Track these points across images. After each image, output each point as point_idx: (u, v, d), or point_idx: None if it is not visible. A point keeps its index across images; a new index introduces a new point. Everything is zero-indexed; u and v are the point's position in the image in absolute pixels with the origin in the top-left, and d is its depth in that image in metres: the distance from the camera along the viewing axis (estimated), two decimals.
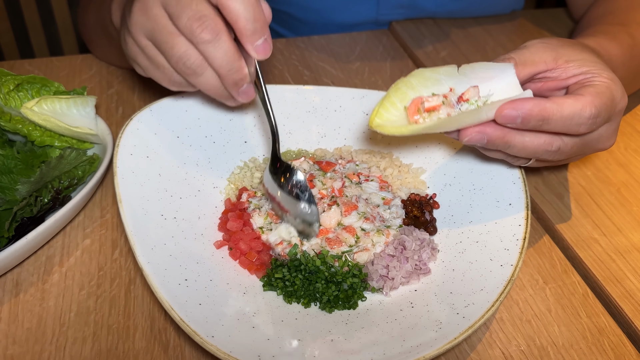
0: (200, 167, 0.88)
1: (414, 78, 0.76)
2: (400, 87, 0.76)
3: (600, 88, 0.72)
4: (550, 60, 0.77)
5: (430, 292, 0.74)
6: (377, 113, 0.74)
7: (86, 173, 0.87)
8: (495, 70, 0.75)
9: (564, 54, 0.77)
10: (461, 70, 0.76)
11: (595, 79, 0.73)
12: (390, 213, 0.82)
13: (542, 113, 0.68)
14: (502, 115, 0.69)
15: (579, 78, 0.75)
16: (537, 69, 0.77)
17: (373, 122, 0.74)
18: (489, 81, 0.75)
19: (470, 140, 0.71)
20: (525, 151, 0.73)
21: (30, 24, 1.90)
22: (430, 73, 0.76)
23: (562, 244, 0.87)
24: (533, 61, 0.76)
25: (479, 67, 0.76)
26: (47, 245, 0.83)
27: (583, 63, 0.76)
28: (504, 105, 0.69)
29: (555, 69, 0.77)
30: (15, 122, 0.87)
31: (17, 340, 0.71)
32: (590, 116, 0.70)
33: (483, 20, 1.41)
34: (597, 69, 0.75)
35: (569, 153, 0.75)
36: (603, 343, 0.74)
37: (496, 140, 0.71)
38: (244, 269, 0.78)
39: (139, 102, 1.09)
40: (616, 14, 1.03)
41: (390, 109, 0.75)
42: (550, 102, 0.69)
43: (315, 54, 1.27)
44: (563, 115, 0.69)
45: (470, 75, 0.76)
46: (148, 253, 0.71)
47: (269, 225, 0.81)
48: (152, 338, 0.72)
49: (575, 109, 0.69)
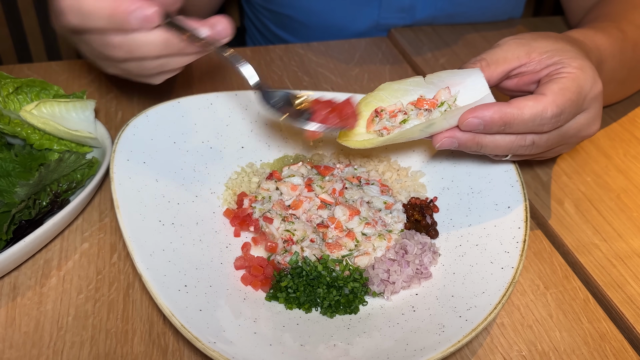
0: (198, 172, 0.88)
1: (383, 91, 0.80)
2: (369, 100, 0.79)
3: (565, 82, 0.73)
4: (523, 55, 0.78)
5: (431, 295, 0.74)
6: None
7: (85, 177, 0.86)
8: (462, 76, 0.77)
9: (536, 47, 0.78)
10: (427, 79, 0.78)
11: (563, 70, 0.74)
12: (392, 217, 0.82)
13: (503, 118, 0.70)
14: (465, 123, 0.71)
15: (549, 69, 0.76)
16: (511, 65, 0.78)
17: (340, 137, 0.78)
18: (456, 87, 0.77)
19: (442, 145, 0.74)
20: (498, 149, 0.75)
21: (29, 30, 1.90)
22: (398, 85, 0.79)
23: (563, 250, 0.87)
24: (505, 58, 0.78)
25: (446, 75, 0.78)
26: (45, 248, 0.82)
27: (554, 53, 0.77)
28: (465, 113, 0.71)
29: (529, 63, 0.78)
30: (14, 125, 0.86)
31: (14, 344, 0.70)
32: (552, 115, 0.71)
33: (481, 28, 1.41)
34: (567, 57, 0.75)
35: (546, 145, 0.76)
36: (605, 348, 0.74)
37: (467, 142, 0.73)
38: (246, 285, 0.76)
39: (138, 107, 1.09)
40: (608, 15, 1.05)
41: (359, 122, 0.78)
42: (511, 106, 0.71)
43: (314, 60, 1.27)
44: (524, 118, 0.71)
45: (438, 83, 0.78)
46: (147, 259, 0.70)
47: (286, 225, 0.81)
48: (151, 342, 0.71)
49: (536, 111, 0.71)
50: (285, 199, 0.84)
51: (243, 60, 0.74)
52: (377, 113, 0.79)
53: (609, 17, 1.03)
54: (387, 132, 0.77)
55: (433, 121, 0.73)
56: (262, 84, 0.76)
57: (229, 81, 1.18)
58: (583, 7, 1.25)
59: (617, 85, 1.01)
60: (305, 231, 0.80)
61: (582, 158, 1.02)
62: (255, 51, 1.29)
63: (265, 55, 1.28)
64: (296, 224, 0.81)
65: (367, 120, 0.79)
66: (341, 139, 0.78)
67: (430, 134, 0.75)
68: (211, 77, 1.19)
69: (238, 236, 0.83)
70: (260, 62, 1.25)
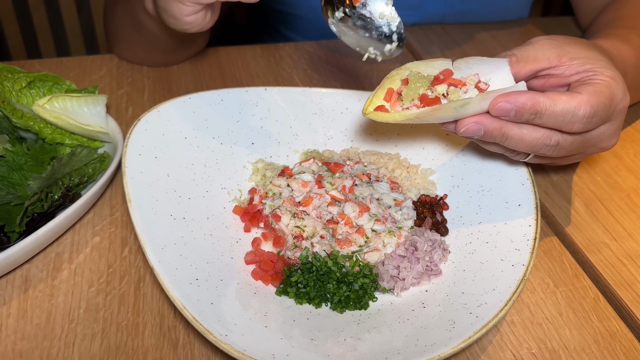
0: (208, 167, 0.88)
1: (408, 70, 0.77)
2: (395, 76, 0.76)
3: (599, 87, 0.72)
4: (553, 58, 0.77)
5: (441, 292, 0.74)
6: (370, 102, 0.75)
7: (96, 171, 0.87)
8: (490, 65, 0.76)
9: (568, 51, 0.77)
10: (455, 64, 0.76)
11: (597, 77, 0.73)
12: (402, 214, 0.82)
13: (535, 107, 0.68)
14: (496, 107, 0.69)
15: (581, 75, 0.75)
16: (540, 65, 0.77)
17: (367, 110, 0.74)
18: (484, 76, 0.75)
19: (467, 130, 0.71)
20: (523, 144, 0.72)
21: (39, 27, 1.91)
22: (425, 66, 0.77)
23: (573, 248, 0.87)
24: (536, 58, 0.76)
25: (473, 62, 0.76)
26: (56, 242, 0.83)
27: (586, 61, 0.75)
28: (498, 97, 0.69)
29: (558, 66, 0.77)
30: (26, 119, 0.87)
31: (25, 336, 0.71)
32: (585, 115, 0.70)
33: (490, 27, 1.41)
34: (600, 66, 0.74)
35: (568, 149, 0.75)
36: (615, 347, 0.73)
37: (493, 131, 0.71)
38: (257, 280, 0.76)
39: (149, 103, 1.10)
40: (626, 19, 1.04)
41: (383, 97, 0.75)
42: (544, 96, 0.69)
43: (323, 57, 1.27)
44: (555, 110, 0.69)
45: (465, 69, 0.76)
46: (158, 253, 0.71)
47: (296, 221, 0.81)
48: (162, 336, 0.71)
49: (569, 106, 0.69)
50: (296, 196, 0.84)
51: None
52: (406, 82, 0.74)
53: (626, 22, 1.02)
54: (416, 108, 0.73)
55: (468, 100, 0.69)
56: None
57: (239, 78, 1.19)
58: (594, 7, 1.24)
59: (634, 93, 1.00)
60: (315, 227, 0.80)
61: (592, 158, 1.02)
62: (264, 49, 1.29)
63: (275, 53, 1.28)
64: (306, 220, 0.81)
65: (394, 93, 0.75)
66: (367, 111, 0.74)
67: (461, 116, 0.71)
68: (221, 74, 1.20)
69: (248, 231, 0.83)
70: (269, 60, 1.25)
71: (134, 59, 1.20)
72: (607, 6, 1.17)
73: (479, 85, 0.74)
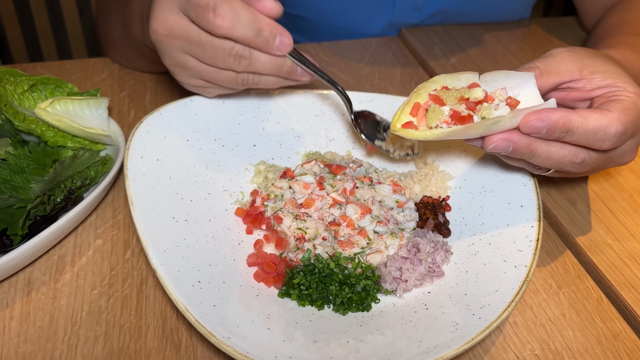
0: (210, 170, 0.89)
1: (435, 84, 0.76)
2: (421, 91, 0.76)
3: (627, 104, 0.71)
4: (575, 71, 0.76)
5: (444, 294, 0.73)
6: (398, 118, 0.74)
7: (99, 174, 0.87)
8: (517, 79, 0.75)
9: (589, 64, 0.76)
10: (482, 78, 0.76)
11: (621, 94, 0.73)
12: (404, 216, 0.82)
13: (567, 125, 0.68)
14: (528, 125, 0.68)
15: (603, 91, 0.75)
16: (562, 78, 0.76)
17: (395, 127, 0.74)
18: (511, 90, 0.75)
19: (496, 147, 0.70)
20: (550, 161, 0.72)
21: (41, 30, 1.92)
22: (451, 80, 0.76)
23: (575, 249, 0.87)
24: (558, 71, 0.76)
25: (501, 75, 0.75)
26: (59, 244, 0.83)
27: (608, 75, 0.75)
28: (530, 114, 0.68)
29: (580, 80, 0.76)
30: (29, 122, 0.87)
31: (28, 339, 0.71)
32: (616, 133, 0.69)
33: (492, 28, 1.41)
34: (622, 82, 0.74)
35: (592, 166, 0.74)
36: (618, 348, 0.73)
37: (522, 148, 0.70)
38: (259, 282, 0.76)
39: (151, 106, 1.10)
40: (633, 24, 1.03)
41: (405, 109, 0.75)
42: (576, 114, 0.69)
43: (325, 59, 1.27)
44: (587, 128, 0.69)
45: (492, 83, 0.75)
46: (161, 255, 0.71)
47: (298, 223, 0.81)
48: (164, 338, 0.72)
49: (600, 124, 0.69)
50: (298, 197, 0.84)
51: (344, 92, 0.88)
52: (435, 99, 0.74)
53: (633, 28, 1.02)
54: (446, 125, 0.72)
55: (500, 118, 0.68)
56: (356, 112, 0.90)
57: None
58: (598, 7, 1.24)
59: None
60: (317, 229, 0.80)
61: None
62: None
63: None
64: (308, 222, 0.81)
65: (420, 108, 0.75)
66: (396, 128, 0.74)
67: (490, 133, 0.70)
68: None
69: (250, 233, 0.83)
70: None
71: (130, 66, 1.20)
72: (611, 8, 1.16)
73: (509, 101, 0.73)
